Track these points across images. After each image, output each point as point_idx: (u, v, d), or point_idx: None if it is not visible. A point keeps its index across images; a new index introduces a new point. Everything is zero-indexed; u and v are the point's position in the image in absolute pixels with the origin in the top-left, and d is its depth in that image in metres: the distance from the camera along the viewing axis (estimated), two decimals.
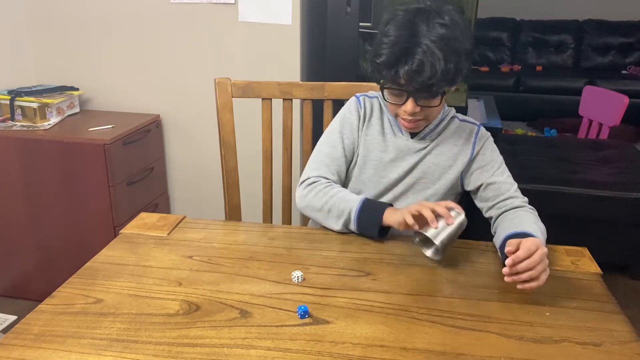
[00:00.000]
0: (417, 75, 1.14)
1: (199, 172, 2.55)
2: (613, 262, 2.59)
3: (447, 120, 1.35)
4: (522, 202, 1.29)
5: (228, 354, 0.87)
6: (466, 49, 1.18)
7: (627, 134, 4.45)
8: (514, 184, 1.33)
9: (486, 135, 1.37)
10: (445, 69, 1.13)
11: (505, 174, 1.34)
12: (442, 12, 1.16)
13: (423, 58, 1.12)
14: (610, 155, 3.01)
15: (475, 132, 1.35)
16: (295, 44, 2.29)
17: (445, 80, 1.16)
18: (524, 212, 1.26)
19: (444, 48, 1.12)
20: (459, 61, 1.16)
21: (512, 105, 5.13)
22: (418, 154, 1.34)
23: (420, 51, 1.12)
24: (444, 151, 1.34)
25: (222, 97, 1.57)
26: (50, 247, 2.30)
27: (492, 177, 1.32)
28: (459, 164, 1.34)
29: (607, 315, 1.00)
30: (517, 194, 1.31)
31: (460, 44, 1.16)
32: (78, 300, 1.01)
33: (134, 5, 2.37)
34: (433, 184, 1.35)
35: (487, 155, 1.34)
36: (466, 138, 1.34)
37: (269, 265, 1.14)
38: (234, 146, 1.60)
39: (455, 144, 1.34)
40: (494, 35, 5.91)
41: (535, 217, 1.25)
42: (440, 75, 1.13)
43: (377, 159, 1.36)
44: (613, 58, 5.70)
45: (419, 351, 0.89)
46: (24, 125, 2.23)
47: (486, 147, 1.35)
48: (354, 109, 1.38)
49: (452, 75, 1.16)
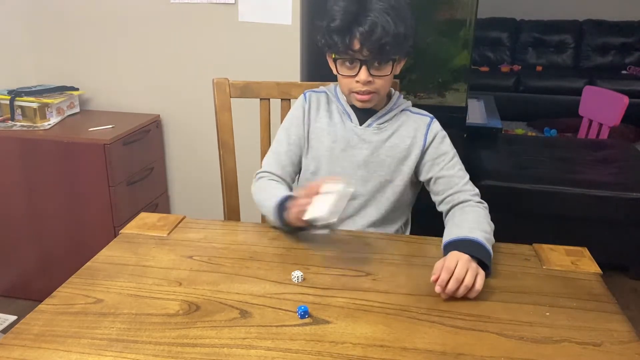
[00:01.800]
0: (370, 35, 1.18)
1: (199, 172, 2.55)
2: (613, 262, 2.59)
3: (397, 110, 1.37)
4: (469, 196, 1.29)
5: (228, 354, 0.87)
6: (409, 19, 1.24)
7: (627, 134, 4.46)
8: (464, 177, 1.33)
9: (438, 128, 1.37)
10: (396, 32, 1.19)
11: (456, 167, 1.34)
12: None
13: (375, 20, 1.18)
14: (610, 155, 3.01)
15: (428, 123, 1.37)
16: (295, 44, 2.29)
17: (396, 44, 1.21)
18: (470, 209, 1.26)
19: (391, 14, 1.19)
20: (407, 29, 1.22)
21: (512, 105, 5.13)
22: (369, 144, 1.35)
23: (372, 15, 1.18)
24: (397, 143, 1.35)
25: (220, 97, 1.57)
26: (51, 247, 2.30)
27: (442, 170, 1.33)
28: (412, 156, 1.35)
29: (607, 315, 1.00)
30: (465, 187, 1.31)
31: (405, 14, 1.23)
32: (78, 300, 1.01)
33: (134, 5, 2.37)
34: (390, 177, 1.36)
35: (438, 148, 1.35)
36: (418, 129, 1.36)
37: (269, 266, 1.14)
38: (232, 147, 1.60)
39: (407, 136, 1.35)
40: (494, 36, 5.92)
41: (479, 214, 1.24)
42: (391, 37, 1.19)
43: (328, 149, 1.38)
44: (613, 58, 5.70)
45: (419, 351, 0.89)
46: (24, 125, 2.23)
47: (437, 140, 1.35)
48: (299, 105, 1.43)
49: (401, 40, 1.22)
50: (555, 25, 5.84)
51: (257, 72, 2.28)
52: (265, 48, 2.31)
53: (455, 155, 1.36)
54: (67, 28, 2.46)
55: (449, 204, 1.31)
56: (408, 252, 1.23)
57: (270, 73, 2.29)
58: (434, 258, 1.19)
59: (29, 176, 2.21)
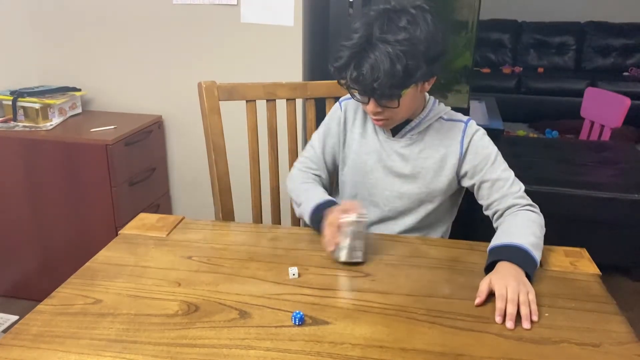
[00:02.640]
0: (360, 79, 1.14)
1: (201, 173, 2.55)
2: (615, 263, 2.59)
3: (432, 119, 1.32)
4: (516, 199, 1.26)
5: (227, 355, 0.87)
6: (425, 47, 1.13)
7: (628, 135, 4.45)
8: (508, 179, 1.29)
9: (474, 130, 1.32)
10: (391, 73, 1.11)
11: (500, 168, 1.29)
12: (404, 13, 1.14)
13: (368, 65, 1.12)
14: (612, 157, 3.00)
15: (463, 129, 1.32)
16: (298, 46, 2.30)
17: (392, 84, 1.13)
18: (521, 213, 1.24)
19: (391, 54, 1.11)
20: (408, 64, 1.12)
21: (513, 106, 5.13)
22: (402, 156, 1.33)
23: (369, 57, 1.12)
24: (431, 154, 1.32)
25: (209, 100, 1.53)
26: (53, 247, 2.31)
27: (485, 174, 1.29)
28: (449, 165, 1.32)
29: (606, 316, 0.99)
30: (511, 190, 1.27)
31: (415, 47, 1.12)
32: (77, 300, 1.01)
33: (137, 6, 2.38)
34: (426, 188, 1.33)
35: (477, 152, 1.30)
36: (453, 137, 1.31)
37: (268, 266, 1.14)
38: (224, 150, 1.56)
39: (441, 145, 1.31)
40: (496, 37, 5.91)
41: (529, 217, 1.22)
42: (384, 79, 1.12)
43: (363, 161, 1.37)
44: (614, 60, 5.69)
45: (418, 352, 0.89)
46: (26, 126, 2.24)
47: (474, 143, 1.31)
48: (335, 115, 1.42)
49: (399, 79, 1.13)
50: (556, 26, 5.83)
51: (258, 74, 2.28)
52: (267, 49, 2.32)
53: (497, 154, 1.30)
54: (70, 29, 2.47)
55: (496, 208, 1.28)
56: (407, 252, 1.23)
57: (273, 74, 2.29)
58: (433, 259, 1.19)
59: (31, 177, 2.21)
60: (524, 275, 1.06)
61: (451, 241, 1.34)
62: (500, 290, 1.01)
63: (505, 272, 1.06)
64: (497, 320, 0.98)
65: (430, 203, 1.35)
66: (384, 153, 1.34)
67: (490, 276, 1.06)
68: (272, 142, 1.60)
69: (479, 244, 1.26)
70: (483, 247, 1.23)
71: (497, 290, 1.02)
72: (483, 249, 1.23)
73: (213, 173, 1.56)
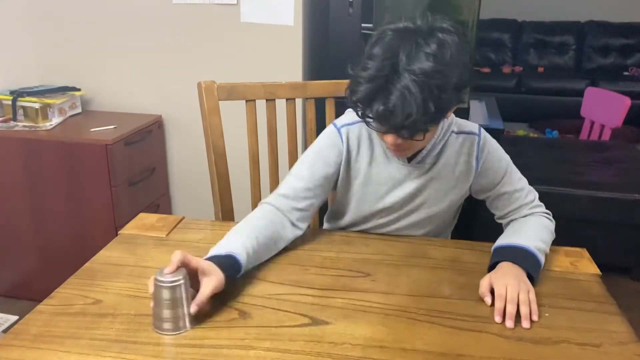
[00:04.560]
0: (390, 117, 1.00)
1: (201, 173, 2.54)
2: (615, 263, 2.58)
3: (445, 139, 1.22)
4: (531, 210, 1.25)
5: (227, 355, 0.87)
6: (456, 77, 1.02)
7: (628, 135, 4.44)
8: (523, 189, 1.25)
9: (487, 143, 1.25)
10: (423, 110, 0.98)
11: (515, 179, 1.25)
12: (431, 36, 1.01)
13: (397, 100, 0.98)
14: (612, 157, 3.00)
15: (477, 142, 1.23)
16: (298, 45, 2.30)
17: (422, 121, 1.00)
18: (533, 218, 1.24)
19: (424, 86, 0.97)
20: (441, 97, 1.00)
21: (513, 106, 5.12)
22: (417, 180, 1.24)
23: (396, 91, 0.98)
24: (446, 174, 1.24)
25: (209, 101, 1.52)
26: (52, 247, 2.31)
27: (502, 187, 1.25)
28: (464, 182, 1.26)
29: (606, 316, 0.99)
30: (526, 200, 1.25)
31: (447, 78, 1.00)
32: (77, 300, 1.01)
33: (137, 5, 2.38)
34: (436, 205, 1.28)
35: (492, 166, 1.25)
36: (468, 154, 1.24)
37: (268, 266, 1.14)
38: (224, 150, 1.55)
39: (457, 162, 1.24)
40: (496, 37, 5.91)
41: (540, 222, 1.22)
42: (416, 116, 0.98)
43: (374, 192, 1.27)
44: (615, 59, 5.69)
45: (418, 352, 0.89)
46: (26, 126, 2.24)
47: (490, 157, 1.24)
48: (332, 143, 1.25)
49: (431, 116, 1.00)
50: (557, 26, 5.83)
51: (258, 73, 2.28)
52: (267, 49, 2.32)
53: (509, 163, 1.25)
54: (69, 28, 2.46)
55: (511, 218, 1.27)
56: (407, 252, 1.22)
57: (272, 74, 2.29)
58: (433, 259, 1.19)
59: (31, 177, 2.21)
60: (525, 275, 1.06)
61: (451, 241, 1.34)
62: (500, 289, 1.01)
63: (505, 271, 1.06)
64: (497, 319, 0.97)
65: (439, 218, 1.32)
66: (398, 180, 1.25)
67: (490, 275, 1.06)
68: (272, 142, 1.59)
69: (479, 244, 1.26)
70: (483, 247, 1.24)
71: (497, 289, 1.01)
72: (483, 249, 1.23)
73: (213, 173, 1.55)
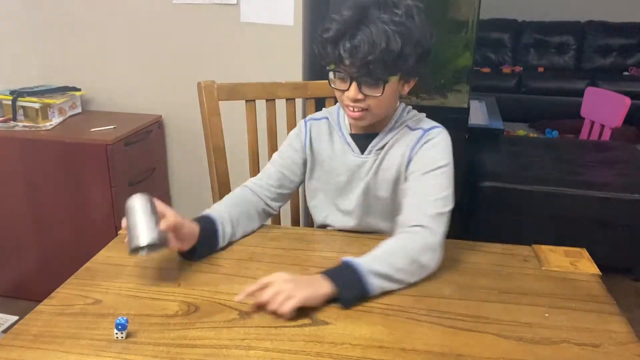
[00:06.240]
0: (355, 51, 1.09)
1: (201, 173, 2.54)
2: (615, 263, 2.58)
3: (396, 131, 1.25)
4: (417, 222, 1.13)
5: (227, 355, 0.87)
6: (417, 42, 1.12)
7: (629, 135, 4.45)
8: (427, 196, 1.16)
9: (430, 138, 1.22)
10: (386, 50, 1.08)
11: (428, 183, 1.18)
12: (399, 4, 1.12)
13: (365, 36, 1.08)
14: (612, 157, 3.01)
15: (419, 136, 1.22)
16: (297, 45, 2.30)
17: (384, 62, 1.09)
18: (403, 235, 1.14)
19: (388, 32, 1.08)
20: (403, 49, 1.10)
21: (513, 106, 5.13)
22: (368, 173, 1.26)
23: (365, 30, 1.09)
24: (390, 165, 1.25)
25: (209, 101, 1.52)
26: (52, 247, 2.31)
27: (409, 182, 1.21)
28: (402, 175, 1.24)
29: (606, 316, 0.99)
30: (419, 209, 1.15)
31: (410, 35, 1.11)
32: (77, 301, 1.01)
33: (137, 6, 2.38)
34: (385, 199, 1.28)
35: (420, 158, 1.21)
36: (407, 145, 1.23)
37: (268, 266, 1.14)
38: (223, 150, 1.55)
39: (399, 154, 1.24)
40: (496, 37, 5.92)
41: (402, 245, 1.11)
42: (379, 54, 1.08)
43: (335, 183, 1.31)
44: (615, 59, 5.70)
45: (418, 352, 0.89)
46: (26, 126, 2.24)
47: (424, 150, 1.21)
48: (297, 133, 1.36)
49: (392, 59, 1.10)
50: (557, 26, 5.84)
51: (258, 73, 2.28)
52: (267, 49, 2.32)
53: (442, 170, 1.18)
54: (70, 28, 2.47)
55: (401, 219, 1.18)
56: None
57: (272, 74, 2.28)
58: None
59: (31, 177, 2.21)
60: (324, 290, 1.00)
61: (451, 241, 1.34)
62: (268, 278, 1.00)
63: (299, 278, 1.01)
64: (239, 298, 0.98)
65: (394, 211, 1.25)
66: (354, 172, 1.28)
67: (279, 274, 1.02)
68: (272, 142, 1.59)
69: (479, 244, 1.26)
70: (483, 247, 1.24)
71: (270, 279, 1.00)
72: (483, 249, 1.23)
73: (212, 173, 1.55)
